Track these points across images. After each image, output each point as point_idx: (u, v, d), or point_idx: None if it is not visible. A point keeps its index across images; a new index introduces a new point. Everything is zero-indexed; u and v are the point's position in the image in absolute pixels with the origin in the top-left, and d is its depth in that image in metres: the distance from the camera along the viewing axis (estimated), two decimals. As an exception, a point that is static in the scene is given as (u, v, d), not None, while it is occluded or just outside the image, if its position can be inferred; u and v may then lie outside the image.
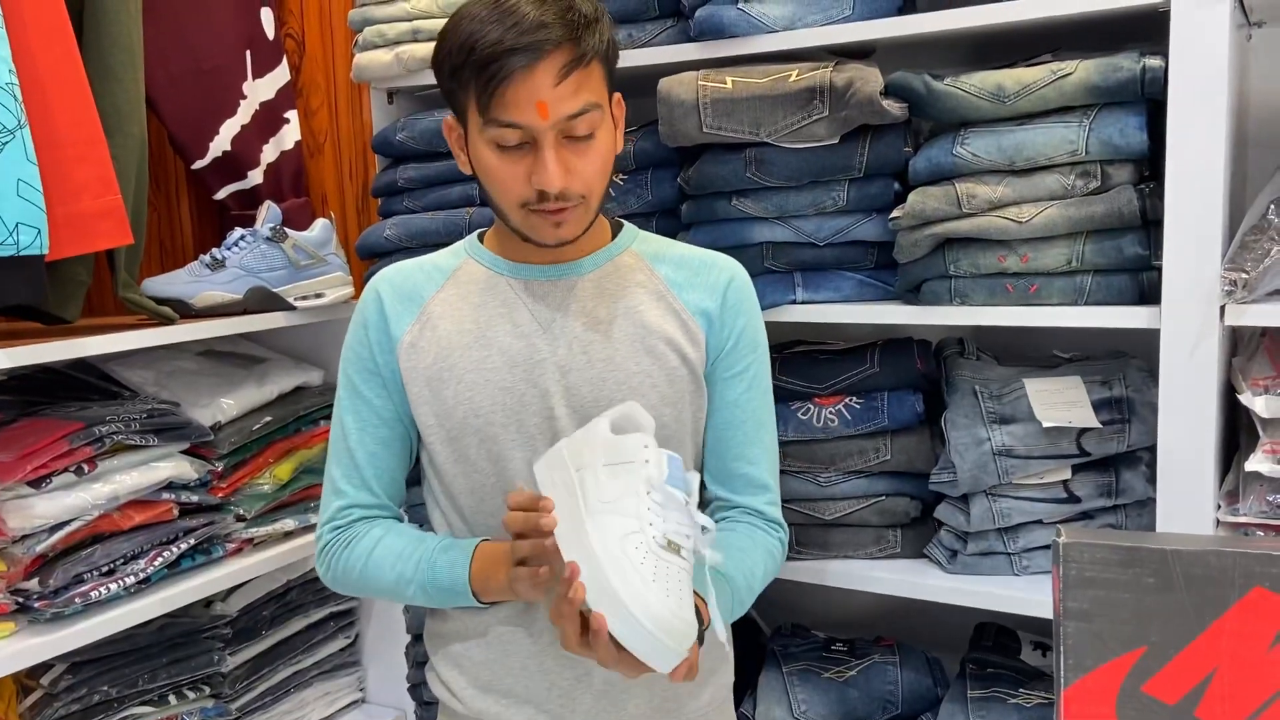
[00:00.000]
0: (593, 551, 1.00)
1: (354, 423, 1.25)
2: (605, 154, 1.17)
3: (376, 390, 1.24)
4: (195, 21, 1.90)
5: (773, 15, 1.50)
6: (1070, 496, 1.45)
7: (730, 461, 1.26)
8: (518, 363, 1.19)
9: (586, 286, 1.22)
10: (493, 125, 1.11)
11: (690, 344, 1.23)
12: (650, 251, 1.27)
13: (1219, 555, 0.76)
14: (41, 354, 1.43)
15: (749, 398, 1.26)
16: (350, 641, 2.10)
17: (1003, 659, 1.59)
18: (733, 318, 1.25)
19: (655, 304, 1.23)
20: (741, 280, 1.27)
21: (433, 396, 1.21)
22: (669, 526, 1.02)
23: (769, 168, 1.50)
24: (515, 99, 1.09)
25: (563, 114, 1.10)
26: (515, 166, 1.13)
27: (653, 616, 0.97)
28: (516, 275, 1.23)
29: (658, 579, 0.99)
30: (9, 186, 1.31)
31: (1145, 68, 1.31)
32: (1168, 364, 1.30)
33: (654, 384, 1.20)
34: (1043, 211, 1.36)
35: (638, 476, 1.02)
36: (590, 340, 1.20)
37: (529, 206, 1.14)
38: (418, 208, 1.79)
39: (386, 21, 1.78)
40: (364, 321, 1.25)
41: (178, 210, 2.20)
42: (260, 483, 1.81)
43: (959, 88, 1.40)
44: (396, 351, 1.22)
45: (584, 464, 1.06)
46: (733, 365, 1.25)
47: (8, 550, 1.46)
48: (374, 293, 1.25)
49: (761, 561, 1.23)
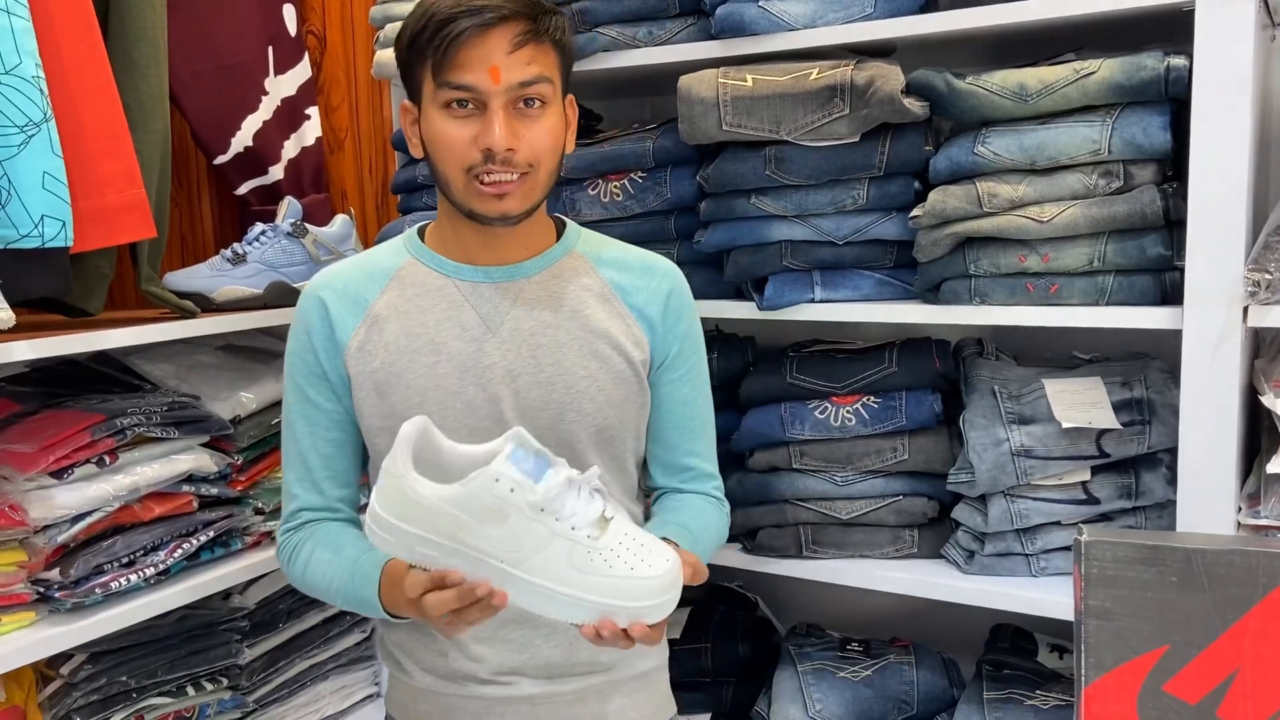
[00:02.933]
0: (556, 592, 0.99)
1: (305, 427, 1.25)
2: (555, 132, 1.17)
3: (325, 394, 1.24)
4: (218, 18, 1.92)
5: (793, 13, 1.50)
6: (1089, 498, 1.44)
7: (681, 456, 1.31)
8: (467, 368, 1.20)
9: (533, 289, 1.23)
10: (445, 88, 1.12)
11: (634, 346, 1.25)
12: (593, 253, 1.28)
13: (1242, 555, 0.75)
14: (64, 346, 1.44)
15: (694, 396, 1.30)
16: (366, 636, 2.10)
17: (1019, 660, 1.58)
18: (675, 323, 1.28)
19: (601, 307, 1.24)
20: (681, 286, 1.30)
21: (379, 399, 1.21)
22: (580, 514, 1.00)
23: (789, 166, 1.50)
24: (468, 60, 1.11)
25: (514, 79, 1.12)
26: (463, 130, 1.13)
27: (658, 591, 0.98)
28: (462, 277, 1.23)
29: (623, 560, 0.99)
30: (35, 179, 1.32)
31: (1169, 67, 1.30)
32: (1189, 365, 1.29)
33: (600, 387, 1.22)
34: (1064, 211, 1.36)
35: (516, 508, 0.97)
36: (539, 344, 1.21)
37: (473, 172, 1.14)
38: (436, 204, 1.80)
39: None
40: (307, 327, 1.24)
41: (199, 205, 2.22)
42: (278, 476, 1.82)
43: (981, 86, 1.39)
44: (344, 355, 1.22)
45: (458, 530, 0.99)
46: (679, 368, 1.29)
47: (29, 540, 1.47)
48: (315, 298, 1.24)
49: (715, 521, 1.30)
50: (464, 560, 1.00)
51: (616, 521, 1.02)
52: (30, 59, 1.31)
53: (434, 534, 0.99)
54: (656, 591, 1.00)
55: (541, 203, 1.21)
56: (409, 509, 0.99)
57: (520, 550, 0.98)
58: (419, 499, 0.98)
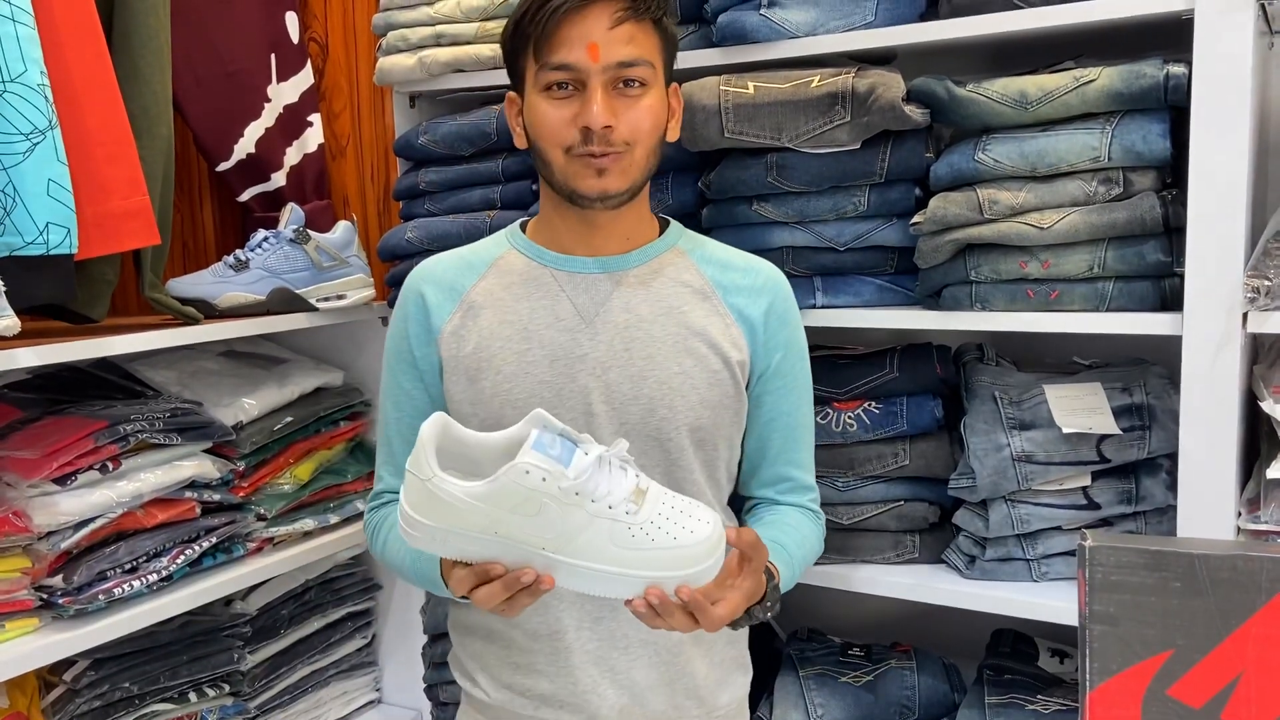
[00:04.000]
0: (603, 571, 0.98)
1: (393, 412, 1.28)
2: (655, 112, 1.17)
3: (413, 381, 1.26)
4: (221, 25, 1.92)
5: (795, 21, 1.51)
6: (1090, 503, 1.45)
7: (781, 466, 1.29)
8: (558, 357, 1.20)
9: (631, 281, 1.22)
10: (546, 69, 1.13)
11: (732, 346, 1.23)
12: (696, 250, 1.28)
13: (1246, 559, 0.76)
14: (68, 352, 1.45)
15: (798, 404, 1.29)
16: (367, 642, 2.11)
17: (1020, 665, 1.59)
18: (778, 328, 1.26)
19: (700, 304, 1.23)
20: (785, 290, 1.29)
21: (470, 385, 1.21)
22: (616, 490, 0.98)
23: (790, 172, 1.51)
24: (567, 37, 1.11)
25: (613, 59, 1.12)
26: (563, 110, 1.14)
27: (705, 555, 0.99)
28: (560, 267, 1.23)
29: (665, 531, 0.98)
30: (40, 186, 1.33)
31: (1168, 75, 1.31)
32: (1189, 371, 1.30)
33: (694, 385, 1.21)
34: (1065, 218, 1.36)
35: (550, 496, 0.96)
36: (632, 337, 1.20)
37: (573, 151, 1.14)
38: (439, 210, 1.81)
39: (410, 26, 1.79)
40: (405, 315, 1.27)
41: (201, 212, 2.22)
42: (281, 482, 1.82)
43: (981, 94, 1.40)
44: (438, 341, 1.23)
45: (494, 524, 0.97)
46: (784, 375, 1.27)
47: (33, 547, 1.47)
48: (415, 287, 1.27)
49: (811, 535, 1.29)
50: (505, 550, 0.99)
51: (652, 491, 1.00)
52: (35, 67, 1.32)
53: (470, 529, 0.98)
54: (703, 556, 0.99)
55: (643, 186, 1.21)
56: (439, 508, 0.97)
57: (561, 535, 0.97)
58: (449, 498, 0.97)
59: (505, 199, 1.75)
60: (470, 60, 1.74)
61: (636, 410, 1.19)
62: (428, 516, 0.99)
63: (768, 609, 1.11)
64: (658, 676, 1.22)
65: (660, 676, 1.23)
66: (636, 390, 1.19)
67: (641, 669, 1.22)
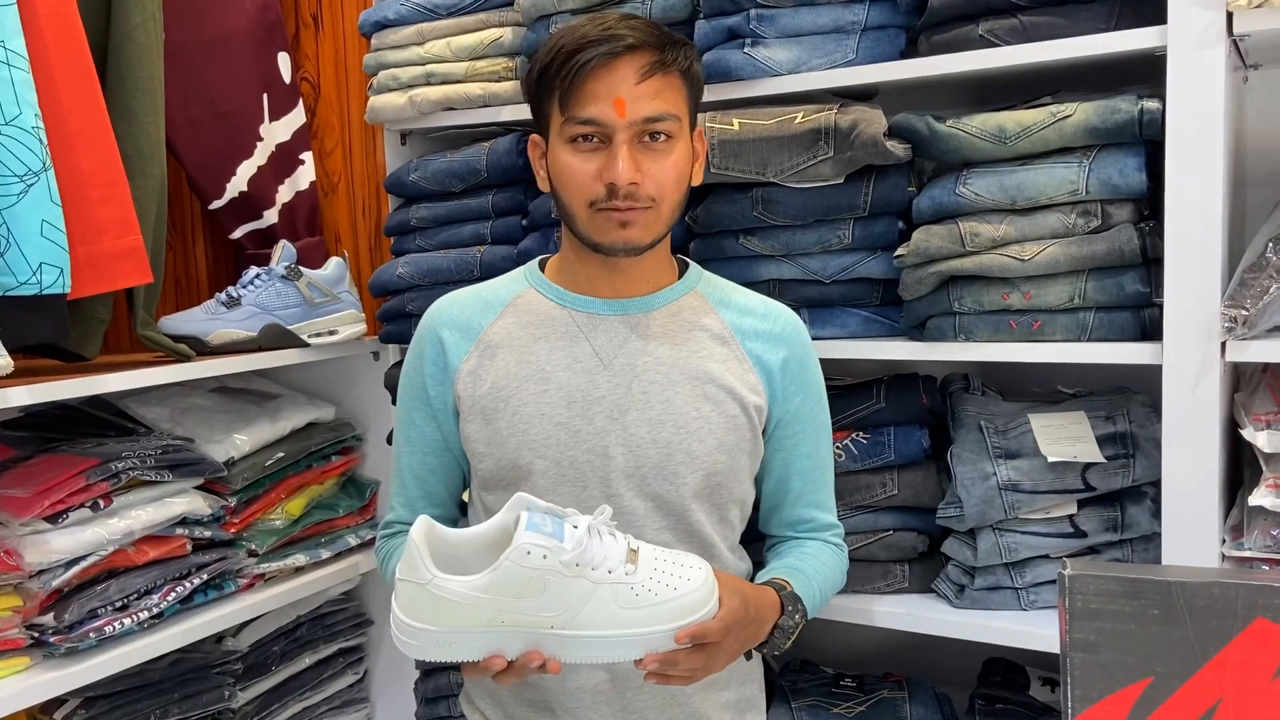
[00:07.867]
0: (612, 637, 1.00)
1: (405, 446, 1.29)
2: (680, 166, 1.17)
3: (426, 419, 1.27)
4: (214, 66, 1.95)
5: (778, 59, 1.53)
6: (1076, 531, 1.46)
7: (801, 509, 1.31)
8: (575, 399, 1.20)
9: (650, 325, 1.23)
10: (571, 123, 1.13)
11: (750, 391, 1.23)
12: (715, 294, 1.28)
13: (1222, 587, 0.77)
14: (60, 391, 1.46)
15: (817, 446, 1.31)
16: (359, 678, 2.10)
17: (1011, 694, 1.59)
18: (797, 373, 1.27)
19: (718, 349, 1.24)
20: (804, 337, 1.30)
21: (485, 425, 1.21)
22: (611, 555, 1.00)
23: (776, 207, 1.53)
24: (594, 92, 1.11)
25: (640, 114, 1.12)
26: (588, 164, 1.14)
27: (705, 599, 1.01)
28: (580, 308, 1.23)
29: (663, 584, 1.00)
30: (33, 227, 1.34)
31: (1143, 110, 1.33)
32: (1170, 399, 1.31)
33: (711, 430, 1.21)
34: (1045, 250, 1.38)
35: (554, 572, 0.97)
36: (651, 381, 1.20)
37: (597, 205, 1.15)
38: (430, 246, 1.82)
39: (401, 65, 1.82)
40: (420, 352, 1.27)
41: (193, 249, 2.24)
42: (272, 518, 1.82)
43: (961, 129, 1.43)
44: (454, 381, 1.24)
45: (498, 614, 0.99)
46: (803, 420, 1.28)
47: (24, 585, 1.47)
48: (432, 327, 1.27)
49: (831, 562, 1.31)
50: (512, 638, 1.00)
51: (643, 550, 1.03)
52: (30, 109, 1.34)
53: (475, 626, 0.98)
54: (705, 599, 1.02)
55: (665, 235, 1.22)
56: (441, 610, 0.98)
57: (568, 610, 0.99)
58: (452, 596, 0.98)
59: (495, 234, 1.77)
60: (460, 98, 1.77)
61: (654, 453, 1.19)
62: (430, 621, 0.99)
63: (790, 633, 1.14)
64: (669, 718, 1.23)
65: (672, 718, 1.23)
66: (654, 434, 1.19)
67: (654, 710, 1.23)
